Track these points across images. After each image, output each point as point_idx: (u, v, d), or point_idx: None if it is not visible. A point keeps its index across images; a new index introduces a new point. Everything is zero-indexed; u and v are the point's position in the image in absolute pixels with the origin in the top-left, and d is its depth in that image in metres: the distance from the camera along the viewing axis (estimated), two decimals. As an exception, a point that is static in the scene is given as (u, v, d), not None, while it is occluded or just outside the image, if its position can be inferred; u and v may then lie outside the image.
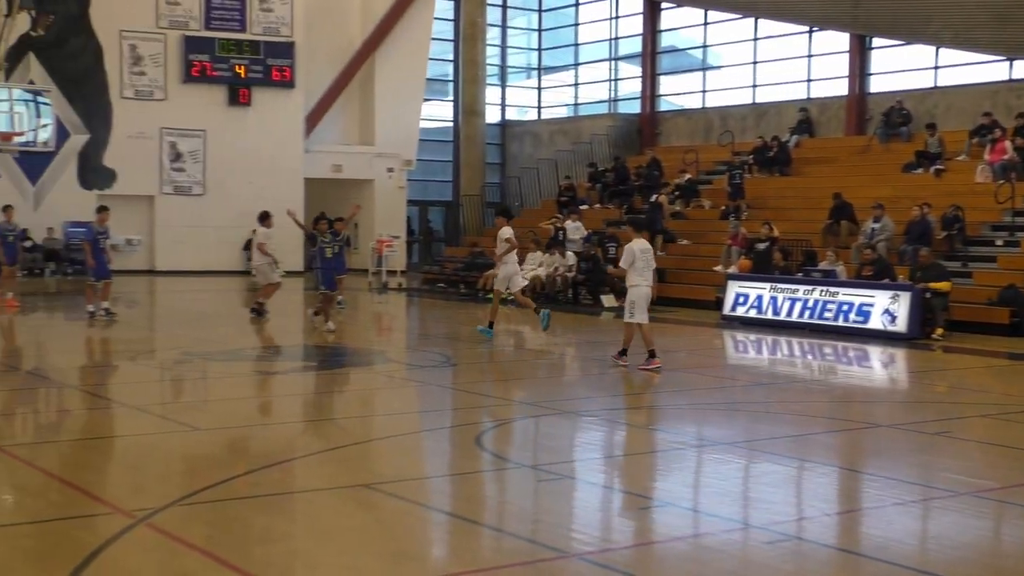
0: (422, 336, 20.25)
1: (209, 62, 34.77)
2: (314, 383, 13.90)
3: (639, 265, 14.29)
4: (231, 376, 13.93)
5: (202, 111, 34.78)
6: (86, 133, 33.72)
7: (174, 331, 19.32)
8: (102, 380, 13.81)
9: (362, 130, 38.20)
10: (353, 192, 37.15)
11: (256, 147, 35.15)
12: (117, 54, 34.07)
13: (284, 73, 35.55)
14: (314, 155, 36.47)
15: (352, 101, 37.96)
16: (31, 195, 32.83)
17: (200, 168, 35.04)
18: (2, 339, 18.07)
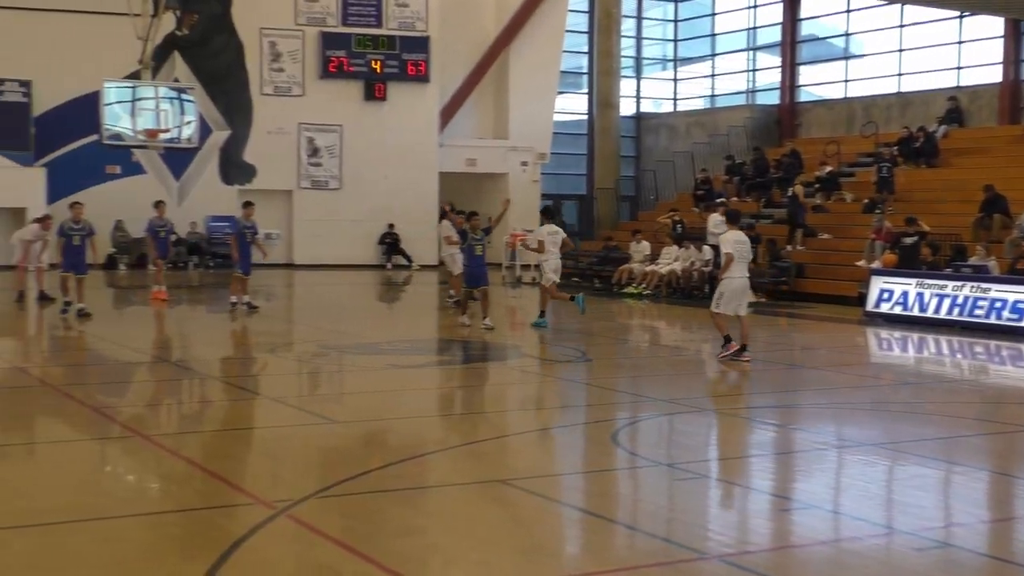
0: (556, 331, 20.24)
1: (346, 58, 35.38)
2: (449, 377, 14.03)
3: (734, 257, 14.35)
4: (367, 369, 14.14)
5: (339, 106, 35.42)
6: (227, 129, 34.68)
7: (312, 324, 19.72)
8: (242, 371, 14.17)
9: (496, 124, 38.39)
10: (487, 186, 37.38)
11: (391, 141, 35.63)
12: (257, 51, 34.93)
13: (419, 68, 35.95)
14: (448, 149, 36.80)
15: (486, 95, 38.19)
16: (175, 190, 33.90)
17: (336, 163, 35.69)
18: (151, 331, 18.70)
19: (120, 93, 27.33)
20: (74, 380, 12.89)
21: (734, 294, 14.48)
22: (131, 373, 13.63)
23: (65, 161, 32.40)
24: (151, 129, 26.67)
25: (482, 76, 37.69)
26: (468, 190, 37.59)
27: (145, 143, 27.24)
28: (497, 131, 38.26)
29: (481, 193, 38.21)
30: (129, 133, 26.96)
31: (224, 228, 33.76)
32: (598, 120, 40.64)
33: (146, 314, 21.38)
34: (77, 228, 19.11)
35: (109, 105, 26.92)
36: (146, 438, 9.32)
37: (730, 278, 14.45)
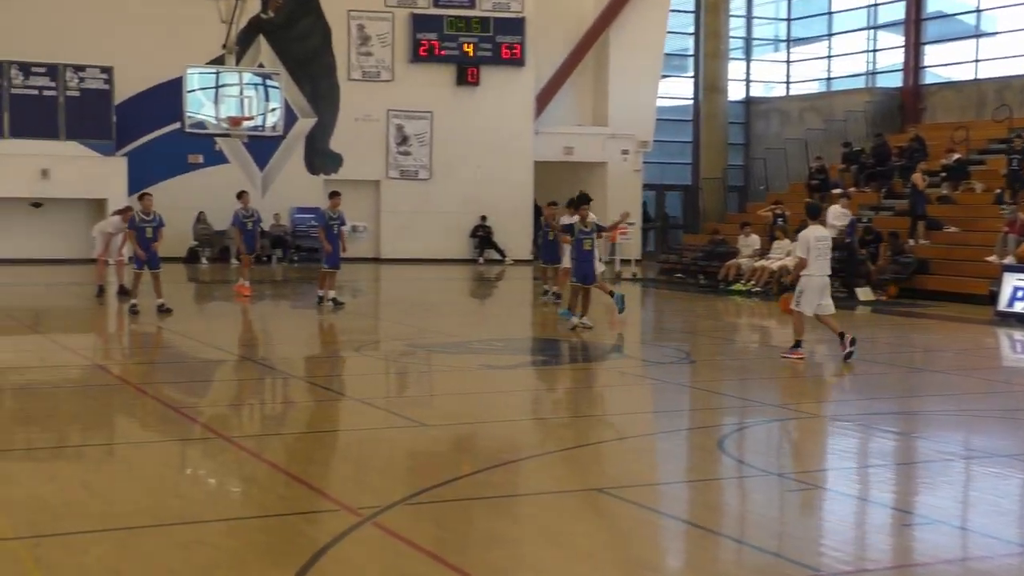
0: (658, 330, 20.15)
1: (437, 41, 35.62)
2: (545, 379, 14.03)
3: (813, 254, 14.42)
4: (458, 369, 14.21)
5: (429, 92, 35.68)
6: (313, 117, 35.15)
7: (399, 321, 19.87)
8: (327, 371, 14.34)
9: (595, 110, 38.32)
10: (585, 176, 37.33)
11: (484, 129, 35.78)
12: (345, 35, 35.34)
13: (514, 51, 36.03)
14: (544, 137, 36.83)
15: (584, 79, 38.13)
16: (259, 181, 34.46)
17: (426, 151, 35.95)
18: (233, 328, 19.03)
19: (203, 79, 27.83)
20: (154, 378, 13.17)
21: (814, 292, 14.50)
22: (212, 372, 13.88)
23: (146, 150, 33.16)
24: (235, 117, 27.09)
25: (580, 59, 37.64)
26: (564, 180, 37.54)
27: (228, 131, 27.69)
28: (596, 117, 38.19)
29: (578, 184, 37.98)
30: (212, 121, 27.44)
31: (309, 220, 34.23)
32: (704, 105, 40.33)
33: (228, 310, 21.75)
34: (148, 220, 19.42)
35: (192, 92, 27.43)
36: (227, 440, 9.48)
37: (809, 275, 14.49)
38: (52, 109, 31.62)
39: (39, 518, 7.05)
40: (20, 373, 13.16)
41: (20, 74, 31.45)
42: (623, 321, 19.50)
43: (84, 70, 31.89)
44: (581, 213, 18.04)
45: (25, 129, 31.34)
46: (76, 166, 31.32)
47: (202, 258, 33.27)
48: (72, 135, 31.70)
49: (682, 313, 22.93)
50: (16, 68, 31.37)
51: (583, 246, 17.72)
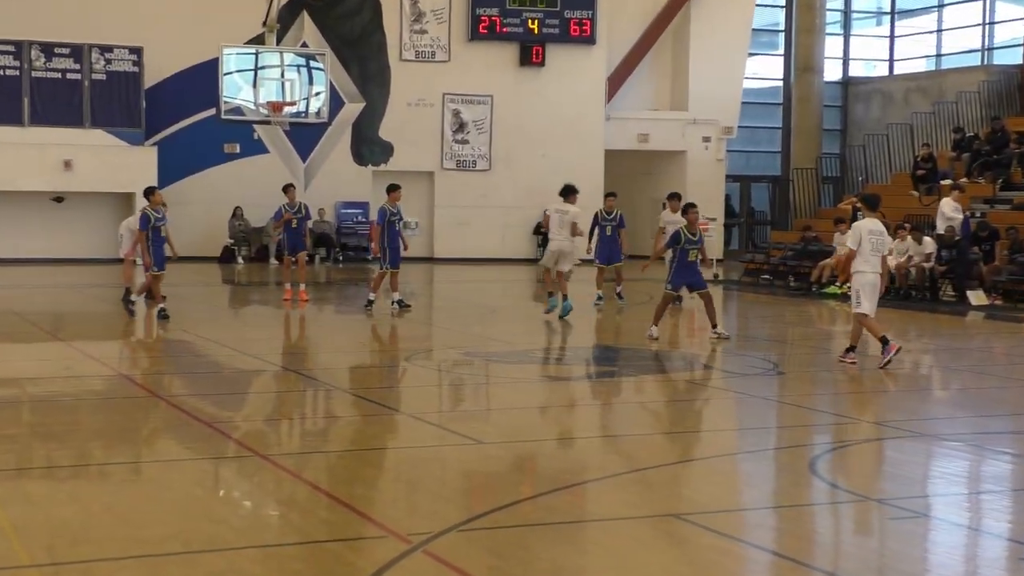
0: (743, 338, 20.00)
1: (499, 16, 35.70)
2: (614, 392, 14.00)
3: (866, 248, 14.58)
4: (518, 381, 14.23)
5: (490, 73, 35.78)
6: (361, 101, 35.36)
7: (455, 327, 19.92)
8: (374, 382, 14.41)
9: (674, 93, 38.21)
10: (662, 166, 37.26)
11: (550, 114, 35.81)
12: (397, 11, 35.51)
13: (584, 27, 36.03)
14: (616, 123, 36.80)
15: (662, 58, 38.04)
16: (301, 172, 34.72)
17: (486, 139, 36.05)
18: (272, 334, 19.20)
19: (241, 61, 28.14)
20: (185, 390, 13.31)
21: (870, 289, 14.71)
22: (249, 383, 14.00)
23: (178, 139, 33.54)
24: (275, 102, 27.37)
25: (657, 36, 37.57)
26: (639, 171, 37.55)
27: (268, 118, 27.99)
28: (674, 101, 38.08)
29: (655, 175, 38.12)
30: (250, 106, 27.74)
31: (356, 215, 34.49)
32: (796, 87, 40.03)
33: (267, 315, 21.93)
34: (160, 217, 19.50)
35: (228, 75, 27.76)
36: (264, 458, 9.56)
37: (861, 272, 14.67)
38: (76, 94, 32.04)
39: (58, 543, 7.15)
40: (40, 384, 13.37)
41: (42, 55, 31.84)
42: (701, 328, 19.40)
43: (111, 51, 32.27)
44: (690, 217, 17.90)
45: (47, 116, 31.80)
46: (102, 157, 31.74)
47: (239, 257, 33.59)
48: (98, 122, 32.13)
49: (769, 319, 22.78)
50: (37, 48, 31.77)
51: (687, 256, 17.49)
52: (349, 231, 34.63)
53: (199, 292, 25.92)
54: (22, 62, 31.72)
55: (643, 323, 18.61)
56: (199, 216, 32.69)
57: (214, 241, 33.25)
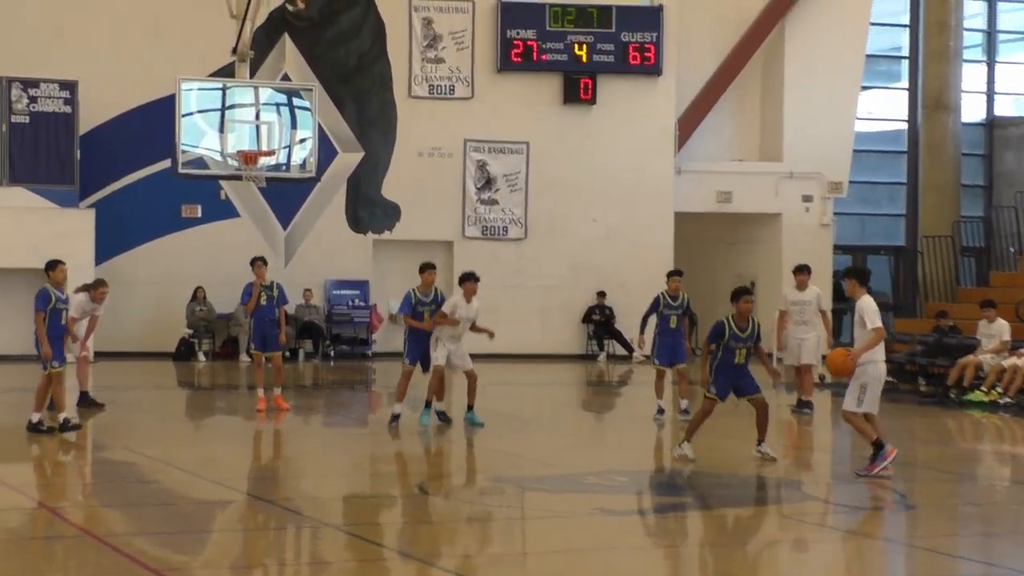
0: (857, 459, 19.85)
1: (536, 40, 35.93)
2: (687, 530, 13.88)
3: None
4: (562, 515, 14.13)
5: (525, 114, 35.94)
6: (359, 151, 35.55)
7: (481, 444, 19.86)
8: (375, 517, 14.34)
9: (764, 138, 38.27)
10: (748, 232, 37.24)
11: (603, 166, 35.90)
12: (405, 33, 35.80)
13: (647, 54, 36.21)
14: (690, 177, 36.84)
15: (748, 94, 38.13)
16: (281, 242, 34.86)
17: (520, 199, 36.12)
18: (242, 454, 19.18)
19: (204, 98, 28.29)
20: (127, 528, 13.27)
21: (877, 384, 15.97)
22: (210, 518, 13.96)
23: (122, 200, 33.80)
24: (248, 151, 27.49)
25: (742, 65, 37.68)
26: (720, 239, 37.56)
27: (239, 172, 28.10)
28: (765, 149, 38.14)
29: (740, 245, 38.07)
30: (216, 157, 27.86)
31: (350, 298, 34.56)
32: (925, 129, 40.07)
33: (235, 429, 21.91)
34: (63, 299, 19.72)
35: (187, 116, 27.95)
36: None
37: (873, 362, 15.83)
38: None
39: None
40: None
41: (-57, 91, 32.17)
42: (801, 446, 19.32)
43: (37, 86, 32.47)
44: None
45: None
46: (22, 222, 31.78)
47: (199, 352, 33.67)
48: (18, 178, 32.31)
49: (893, 434, 22.54)
50: (-60, 83, 32.11)
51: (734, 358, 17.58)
52: (343, 318, 34.69)
53: (148, 398, 25.98)
54: (-85, 100, 32.01)
55: (720, 440, 18.53)
56: (149, 299, 32.91)
57: (168, 331, 33.36)
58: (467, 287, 21.25)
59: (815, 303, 23.02)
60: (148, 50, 33.03)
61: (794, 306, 22.84)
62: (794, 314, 22.97)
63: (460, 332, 21.00)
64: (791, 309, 22.90)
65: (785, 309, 22.92)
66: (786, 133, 37.59)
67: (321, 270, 34.95)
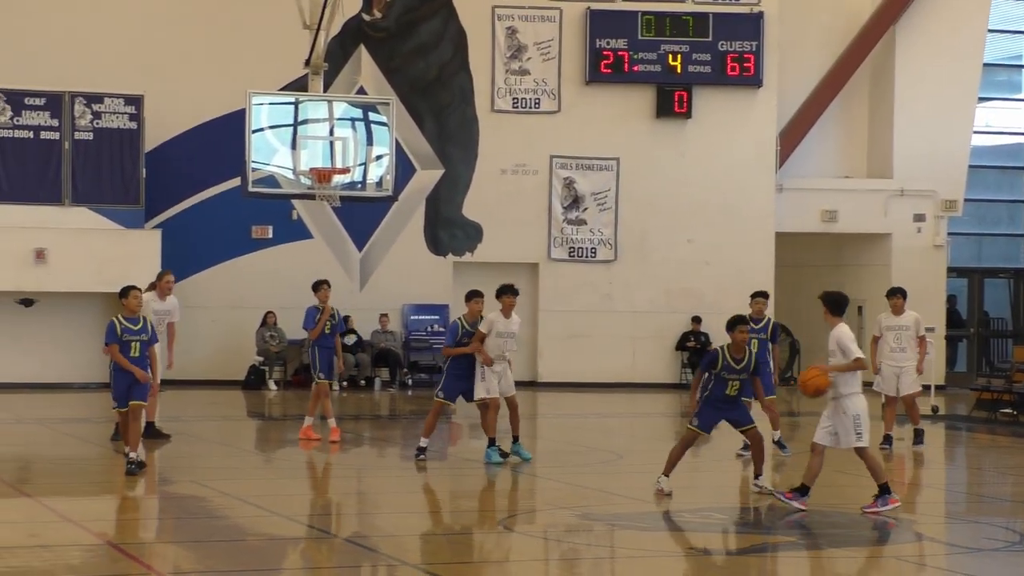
0: (974, 497, 19.71)
1: (627, 51, 35.97)
2: (795, 573, 13.81)
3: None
4: (656, 555, 14.11)
5: (615, 128, 35.98)
6: (439, 168, 35.69)
7: (566, 480, 19.83)
8: (454, 555, 14.37)
9: (872, 154, 38.09)
10: (855, 254, 37.02)
11: (699, 183, 35.86)
12: (488, 44, 35.94)
13: (746, 65, 36.15)
14: (792, 195, 36.73)
15: (855, 106, 38.00)
16: (356, 265, 35.02)
17: (610, 218, 36.12)
18: (313, 489, 19.26)
19: (275, 114, 28.47)
20: (196, 565, 13.36)
21: (863, 416, 16.18)
22: (282, 555, 14.05)
23: (190, 220, 34.18)
24: (321, 169, 27.62)
25: (849, 75, 37.56)
26: (825, 262, 37.35)
27: (312, 190, 28.24)
28: (873, 165, 37.99)
29: (846, 268, 37.83)
30: (288, 175, 28.01)
31: (430, 323, 34.61)
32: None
33: (305, 462, 22.02)
34: (135, 331, 18.80)
35: (258, 132, 28.11)
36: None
37: (856, 394, 16.22)
38: (53, 159, 32.64)
39: None
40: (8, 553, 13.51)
41: (7, 107, 32.47)
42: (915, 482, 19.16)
43: (101, 101, 32.87)
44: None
45: (13, 190, 32.44)
46: (86, 244, 32.21)
47: (269, 381, 33.87)
48: (81, 198, 32.72)
49: (1012, 470, 22.40)
50: (2, 99, 32.45)
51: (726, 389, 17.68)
52: (421, 345, 34.78)
53: (216, 429, 26.16)
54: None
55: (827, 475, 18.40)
56: (217, 325, 33.16)
57: (237, 359, 33.61)
58: (505, 301, 20.87)
59: (913, 329, 22.67)
60: (217, 62, 33.34)
61: (889, 332, 22.56)
62: (890, 340, 22.64)
63: (507, 350, 20.69)
64: (886, 335, 22.61)
65: (879, 335, 22.64)
66: (896, 148, 37.42)
67: (398, 294, 35.07)
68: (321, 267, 31.80)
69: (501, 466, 20.15)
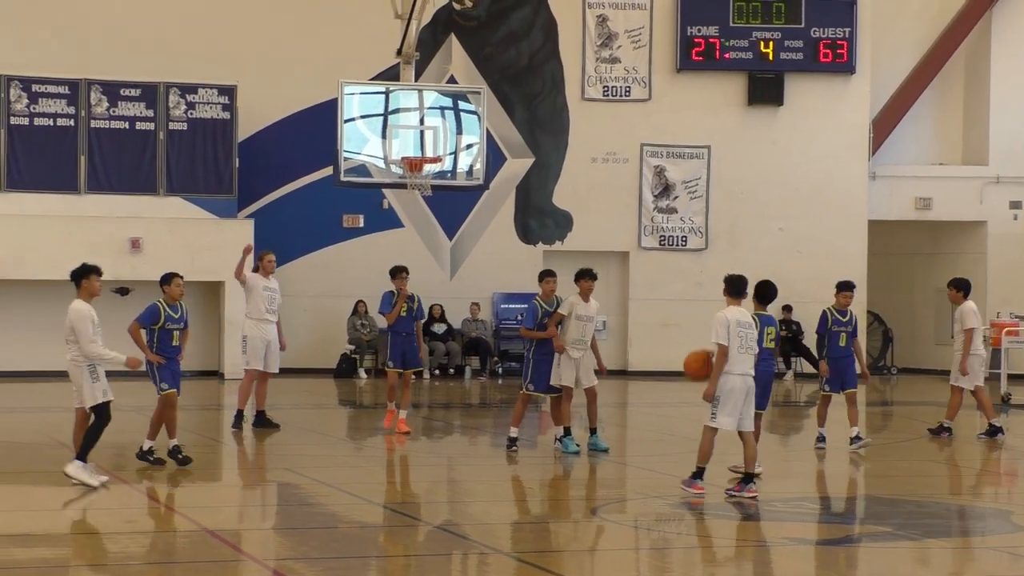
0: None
1: (718, 38, 35.89)
2: (887, 562, 13.78)
3: (733, 344, 16.44)
4: (748, 544, 14.19)
5: (706, 116, 35.92)
6: (530, 156, 35.76)
7: (658, 469, 19.82)
8: (545, 543, 14.41)
9: (967, 140, 37.79)
10: (950, 242, 36.76)
11: (792, 171, 35.75)
12: (578, 32, 35.98)
13: (839, 51, 35.97)
14: (885, 182, 36.54)
15: (950, 92, 37.71)
16: (447, 253, 35.16)
17: (701, 206, 36.07)
18: (404, 477, 19.39)
19: (366, 103, 28.57)
20: (291, 552, 13.47)
21: (732, 398, 16.35)
22: (374, 542, 14.19)
23: (282, 210, 34.46)
24: (413, 158, 27.71)
25: (944, 61, 37.27)
26: (919, 249, 37.14)
27: (404, 180, 28.36)
28: (969, 152, 37.68)
29: (940, 256, 37.57)
30: (379, 164, 28.13)
31: (521, 311, 34.63)
32: None
33: (402, 450, 22.14)
34: (177, 318, 18.95)
35: (350, 122, 28.23)
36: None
37: (726, 374, 16.29)
38: (148, 149, 33.01)
39: None
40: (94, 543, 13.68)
41: (103, 98, 32.83)
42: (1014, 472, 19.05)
43: (195, 92, 33.21)
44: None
45: (109, 179, 32.86)
46: (181, 233, 32.49)
47: (360, 369, 34.10)
48: (176, 188, 33.09)
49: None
50: (98, 89, 32.79)
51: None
52: (512, 333, 34.75)
53: (308, 417, 26.33)
54: (77, 108, 32.67)
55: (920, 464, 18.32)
56: (309, 313, 33.35)
57: (329, 347, 33.84)
58: (583, 285, 20.60)
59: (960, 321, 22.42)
60: (308, 52, 33.54)
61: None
62: (977, 334, 22.41)
63: (587, 336, 20.43)
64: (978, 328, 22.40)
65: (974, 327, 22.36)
66: (992, 134, 37.12)
67: (488, 283, 35.17)
68: (412, 256, 31.84)
69: (578, 455, 20.16)
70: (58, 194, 32.40)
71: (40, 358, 30.73)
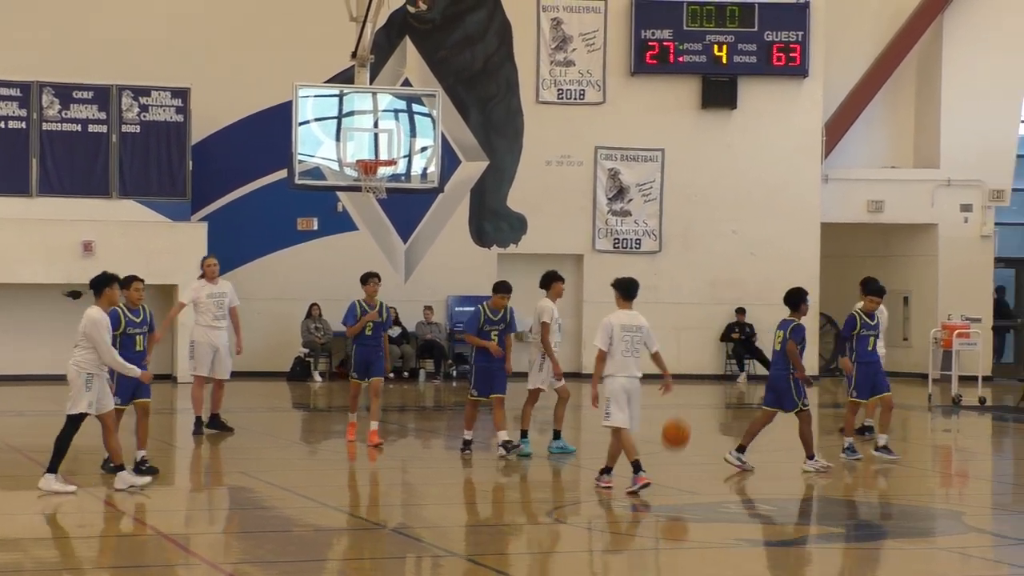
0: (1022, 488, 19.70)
1: (672, 41, 35.92)
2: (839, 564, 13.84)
3: (618, 347, 17.47)
4: (702, 547, 14.16)
5: (660, 119, 35.94)
6: (484, 159, 35.74)
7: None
8: (501, 546, 14.44)
9: (919, 144, 37.95)
10: (902, 245, 36.92)
11: (745, 174, 35.81)
12: (533, 35, 35.94)
13: (792, 55, 36.05)
14: (838, 185, 36.66)
15: (902, 96, 37.86)
16: (401, 257, 35.13)
17: (655, 209, 36.12)
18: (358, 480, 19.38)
19: (320, 106, 28.55)
20: (245, 556, 13.47)
21: (620, 398, 17.09)
22: (329, 546, 14.18)
23: (235, 213, 34.32)
24: (367, 160, 27.69)
25: (896, 65, 37.42)
26: (871, 252, 37.27)
27: (358, 182, 28.32)
28: (920, 155, 37.87)
29: (892, 258, 37.71)
30: (333, 167, 28.09)
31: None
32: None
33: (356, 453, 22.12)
34: (138, 322, 18.42)
35: (304, 124, 28.20)
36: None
37: (612, 376, 17.21)
38: (100, 152, 32.82)
39: None
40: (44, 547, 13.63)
41: (55, 100, 32.62)
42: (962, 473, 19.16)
43: (148, 94, 32.99)
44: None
45: (61, 182, 32.61)
46: (133, 236, 32.23)
47: (315, 372, 34.04)
48: (129, 190, 32.85)
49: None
50: (50, 92, 32.60)
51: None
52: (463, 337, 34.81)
53: (262, 421, 26.29)
54: (29, 110, 32.48)
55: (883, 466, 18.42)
56: (263, 317, 33.20)
57: (283, 350, 33.77)
58: (556, 287, 21.33)
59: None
60: (262, 55, 33.42)
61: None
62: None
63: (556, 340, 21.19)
64: None
65: None
66: (943, 137, 37.26)
67: (443, 286, 35.15)
68: (366, 259, 31.81)
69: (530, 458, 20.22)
70: (9, 197, 32.15)
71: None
